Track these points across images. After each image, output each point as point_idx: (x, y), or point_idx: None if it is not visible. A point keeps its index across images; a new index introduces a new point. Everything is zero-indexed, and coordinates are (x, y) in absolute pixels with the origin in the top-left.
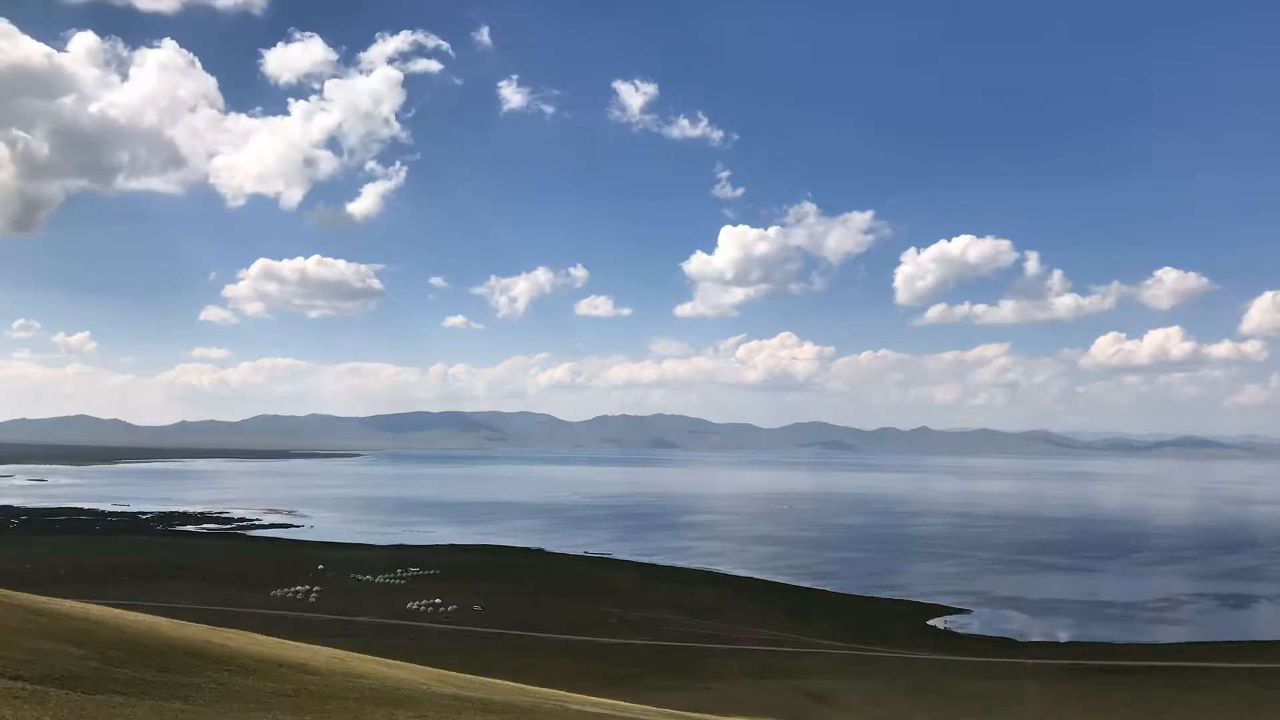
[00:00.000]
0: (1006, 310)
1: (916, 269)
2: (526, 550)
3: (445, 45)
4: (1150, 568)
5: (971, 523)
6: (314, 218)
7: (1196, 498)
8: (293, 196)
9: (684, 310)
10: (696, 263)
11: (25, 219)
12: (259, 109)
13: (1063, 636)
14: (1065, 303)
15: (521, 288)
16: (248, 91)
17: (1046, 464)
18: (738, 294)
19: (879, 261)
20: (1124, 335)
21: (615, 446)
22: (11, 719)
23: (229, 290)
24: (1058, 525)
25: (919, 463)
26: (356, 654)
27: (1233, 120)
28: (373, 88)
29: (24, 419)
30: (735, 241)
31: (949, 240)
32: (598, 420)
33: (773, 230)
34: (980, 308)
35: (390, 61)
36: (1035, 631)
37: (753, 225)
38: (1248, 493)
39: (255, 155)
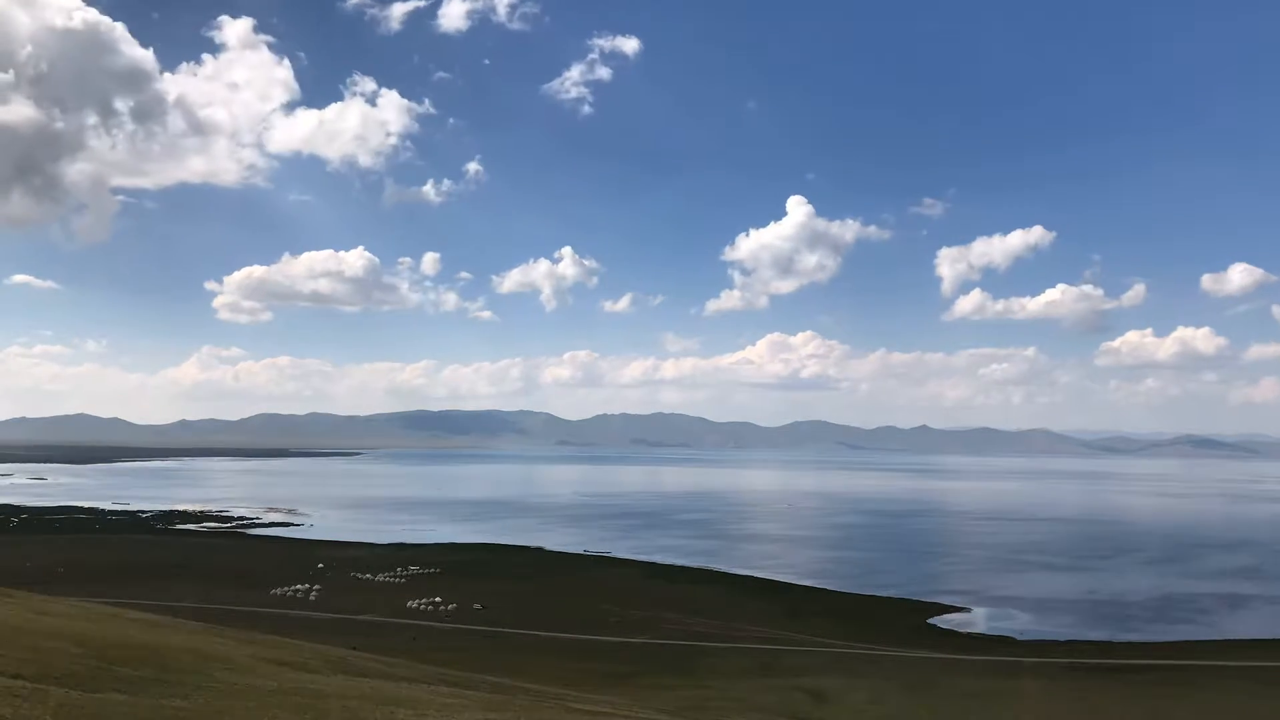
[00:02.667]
0: (1036, 307)
1: (951, 267)
2: (526, 549)
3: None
4: (1150, 566)
5: (971, 521)
6: (325, 213)
7: (1197, 496)
8: (305, 191)
9: (696, 309)
10: (735, 251)
11: (42, 208)
12: (320, 97)
13: (1063, 635)
14: (1096, 300)
15: (539, 283)
16: (318, 72)
17: (1047, 463)
18: (774, 287)
19: (911, 258)
20: (1150, 332)
21: (613, 445)
22: (12, 717)
23: (233, 288)
24: (1058, 524)
25: (920, 461)
26: (356, 652)
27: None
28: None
29: (23, 418)
30: (780, 231)
31: (989, 237)
32: (598, 419)
33: (808, 222)
34: (1012, 303)
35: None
36: (1035, 630)
37: (781, 218)
38: (1247, 490)
39: (289, 143)
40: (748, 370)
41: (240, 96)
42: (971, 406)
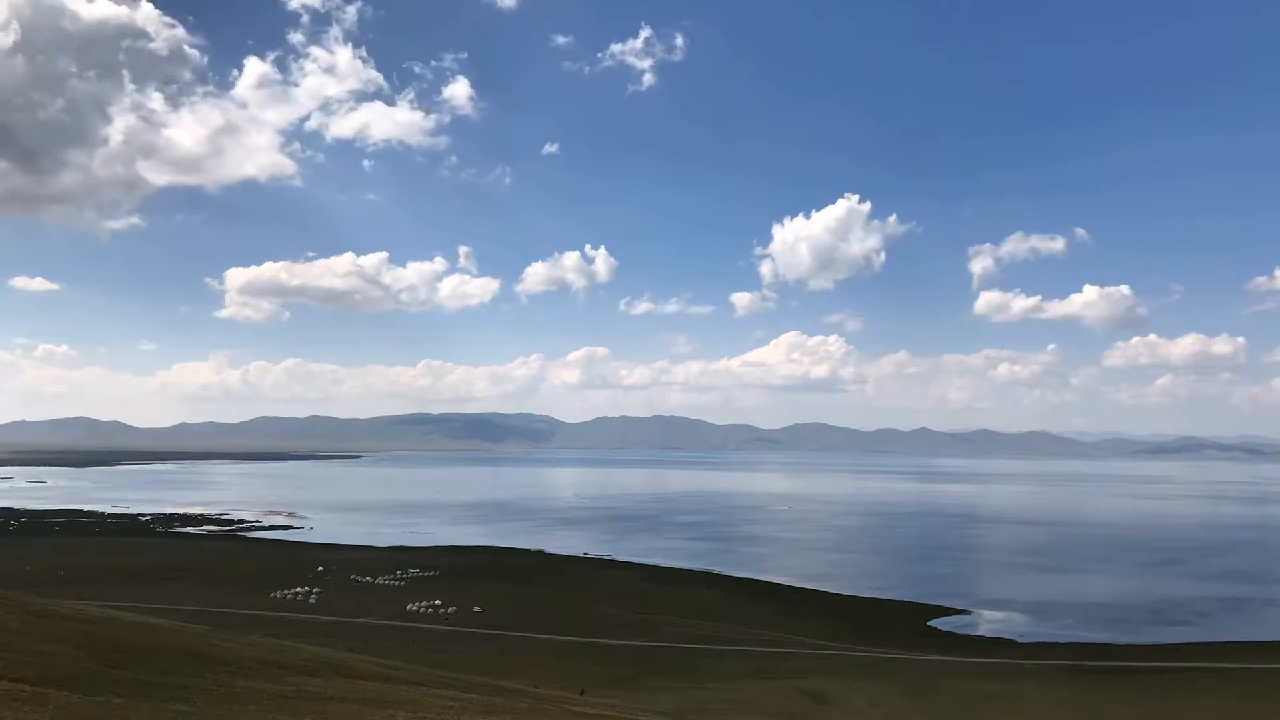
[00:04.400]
0: (1070, 308)
1: (982, 266)
2: (525, 551)
3: None
4: (1149, 568)
5: (970, 524)
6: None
7: (1195, 498)
8: (317, 187)
9: (711, 308)
10: (766, 249)
11: (57, 201)
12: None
13: (1062, 637)
14: (1130, 302)
15: (563, 278)
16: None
17: (1045, 465)
18: (796, 287)
19: (943, 257)
20: (1159, 337)
21: (613, 448)
22: None
23: (233, 291)
24: (1057, 526)
25: (917, 464)
26: (356, 655)
27: None
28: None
29: (23, 421)
30: (821, 224)
31: (1028, 236)
32: (597, 421)
33: (847, 218)
34: (1043, 304)
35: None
36: (1035, 632)
37: (809, 215)
38: (1246, 493)
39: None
40: (757, 372)
41: (264, 85)
42: (975, 408)
